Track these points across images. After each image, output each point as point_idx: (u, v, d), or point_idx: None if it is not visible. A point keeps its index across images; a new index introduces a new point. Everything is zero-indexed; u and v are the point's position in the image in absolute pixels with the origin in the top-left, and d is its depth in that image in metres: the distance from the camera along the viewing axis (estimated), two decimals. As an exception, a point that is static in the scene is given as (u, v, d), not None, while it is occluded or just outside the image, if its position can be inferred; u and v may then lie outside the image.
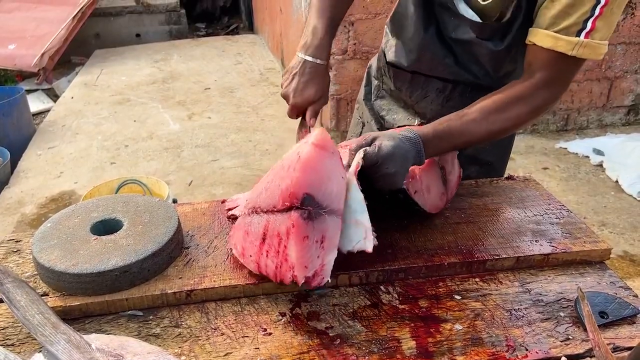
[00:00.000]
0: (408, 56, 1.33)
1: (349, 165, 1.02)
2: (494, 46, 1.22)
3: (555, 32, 1.07)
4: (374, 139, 1.04)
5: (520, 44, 1.18)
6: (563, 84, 1.14)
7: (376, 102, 1.55)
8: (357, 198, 0.98)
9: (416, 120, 1.43)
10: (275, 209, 0.94)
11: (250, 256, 0.99)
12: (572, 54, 1.07)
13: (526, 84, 1.12)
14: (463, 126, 1.10)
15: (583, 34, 1.05)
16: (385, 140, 1.02)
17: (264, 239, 0.96)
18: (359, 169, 0.99)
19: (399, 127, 1.36)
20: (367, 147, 1.02)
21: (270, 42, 6.07)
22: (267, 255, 0.95)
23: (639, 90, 4.17)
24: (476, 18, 1.20)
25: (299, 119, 1.28)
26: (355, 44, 3.57)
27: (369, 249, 0.96)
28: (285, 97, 1.25)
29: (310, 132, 1.21)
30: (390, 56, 1.38)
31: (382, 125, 1.51)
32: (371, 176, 1.02)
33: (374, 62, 1.56)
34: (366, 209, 0.98)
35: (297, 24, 4.30)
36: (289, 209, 0.91)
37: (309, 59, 1.21)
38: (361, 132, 1.58)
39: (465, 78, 1.30)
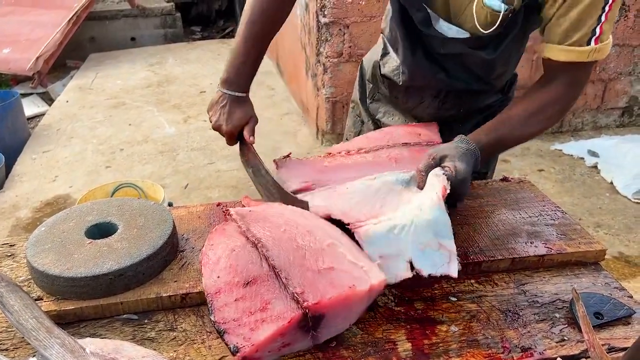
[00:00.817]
0: (401, 76, 1.38)
1: (421, 187, 1.05)
2: (486, 55, 1.25)
3: (569, 45, 1.13)
4: (442, 158, 1.09)
5: (514, 50, 1.19)
6: (583, 83, 1.22)
7: (372, 104, 1.56)
8: (444, 222, 0.98)
9: (414, 122, 1.46)
10: (282, 283, 0.87)
11: (218, 277, 0.90)
12: (587, 60, 1.13)
13: (553, 88, 1.19)
14: (510, 132, 1.19)
15: (593, 40, 1.11)
16: (458, 163, 1.07)
17: (248, 284, 0.88)
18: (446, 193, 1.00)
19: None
20: (446, 172, 1.05)
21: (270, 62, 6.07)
22: (237, 299, 0.86)
23: (633, 92, 4.19)
24: (462, 34, 1.22)
25: (238, 145, 1.34)
26: (350, 46, 3.58)
27: (454, 274, 0.95)
28: (217, 129, 1.30)
29: (251, 149, 1.29)
30: (386, 70, 1.41)
31: (379, 125, 1.52)
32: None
33: (367, 64, 1.57)
34: (452, 234, 0.98)
35: (292, 28, 4.31)
36: (294, 298, 0.85)
37: (231, 93, 1.27)
38: (360, 131, 1.59)
39: (456, 87, 1.36)
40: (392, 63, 1.41)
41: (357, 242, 0.98)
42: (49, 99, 5.27)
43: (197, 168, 3.69)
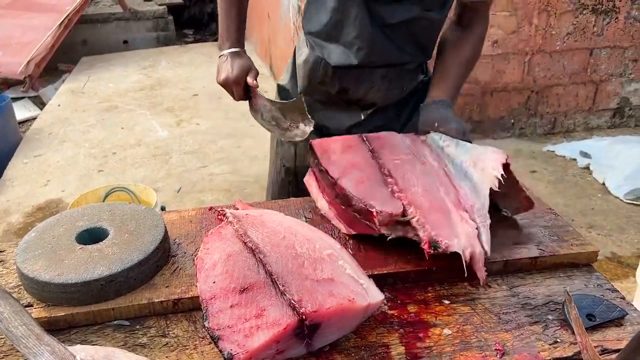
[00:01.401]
0: (357, 54, 1.39)
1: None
2: (436, 15, 1.38)
3: None
4: (457, 132, 1.27)
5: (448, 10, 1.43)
6: (489, 17, 1.50)
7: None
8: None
9: (361, 115, 1.52)
10: (279, 290, 0.87)
11: (214, 283, 0.88)
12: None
13: (477, 27, 1.44)
14: (463, 77, 1.42)
15: None
16: (456, 125, 1.28)
17: (244, 290, 0.87)
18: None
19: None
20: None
21: (258, 47, 6.06)
22: (233, 305, 0.85)
23: (624, 93, 4.22)
24: None
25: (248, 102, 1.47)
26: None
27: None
28: (225, 83, 1.41)
29: (257, 93, 1.44)
30: (335, 60, 1.43)
31: (325, 133, 1.49)
32: None
33: (288, 84, 1.59)
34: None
35: (285, 29, 4.31)
36: (291, 305, 0.85)
37: (228, 51, 1.42)
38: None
39: (402, 60, 1.45)
40: (339, 49, 1.42)
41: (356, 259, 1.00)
42: (40, 103, 5.25)
43: (190, 171, 3.68)
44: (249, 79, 1.40)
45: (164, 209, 2.50)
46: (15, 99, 5.20)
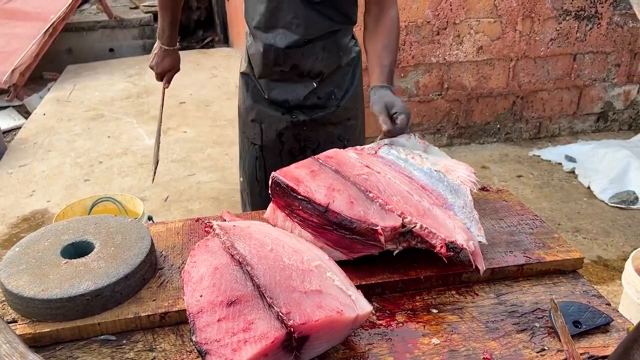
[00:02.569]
0: (297, 30, 1.62)
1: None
2: None
3: None
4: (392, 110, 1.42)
5: None
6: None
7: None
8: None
9: (314, 84, 1.71)
10: (267, 303, 0.87)
11: (201, 296, 0.88)
12: None
13: (391, 11, 1.63)
14: (393, 58, 1.59)
15: None
16: (400, 104, 1.44)
17: (231, 304, 0.87)
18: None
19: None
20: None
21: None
22: (220, 319, 0.85)
23: (607, 97, 4.28)
24: None
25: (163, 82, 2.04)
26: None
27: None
28: (152, 68, 1.98)
29: (163, 92, 2.17)
30: (283, 42, 1.63)
31: (287, 107, 1.74)
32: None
33: (248, 70, 1.79)
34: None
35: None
36: (279, 318, 0.84)
37: (163, 46, 1.91)
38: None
39: (334, 28, 1.67)
40: (280, 32, 1.64)
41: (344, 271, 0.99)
42: (25, 112, 5.19)
43: (177, 180, 3.66)
44: (165, 79, 2.03)
45: (151, 218, 2.48)
46: (-1, 108, 5.15)
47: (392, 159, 1.28)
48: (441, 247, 1.02)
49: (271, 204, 1.20)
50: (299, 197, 1.10)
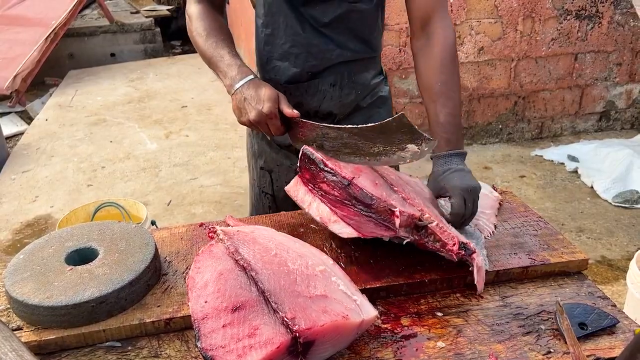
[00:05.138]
0: (296, 62, 1.37)
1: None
2: (366, 5, 1.34)
3: None
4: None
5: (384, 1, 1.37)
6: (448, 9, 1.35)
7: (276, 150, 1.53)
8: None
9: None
10: (272, 308, 0.86)
11: (206, 302, 0.88)
12: None
13: (439, 33, 1.29)
14: (455, 109, 1.26)
15: None
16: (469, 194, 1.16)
17: (236, 309, 0.86)
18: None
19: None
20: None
21: (246, 58, 6.07)
22: (225, 325, 0.84)
23: (609, 97, 4.27)
24: None
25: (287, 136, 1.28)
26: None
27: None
28: (257, 121, 1.22)
29: (305, 123, 1.20)
30: (280, 77, 1.40)
31: (295, 153, 1.43)
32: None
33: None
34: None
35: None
36: (284, 323, 0.84)
37: (242, 82, 1.24)
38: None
39: (346, 57, 1.38)
40: (283, 68, 1.39)
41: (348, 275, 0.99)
42: (27, 118, 5.21)
43: (180, 184, 3.67)
44: (288, 110, 1.20)
45: (155, 223, 2.49)
46: (1, 114, 5.16)
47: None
48: (454, 244, 1.03)
49: (296, 177, 1.19)
50: (326, 169, 1.11)
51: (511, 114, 4.16)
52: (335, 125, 1.15)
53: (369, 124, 1.10)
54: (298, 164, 1.17)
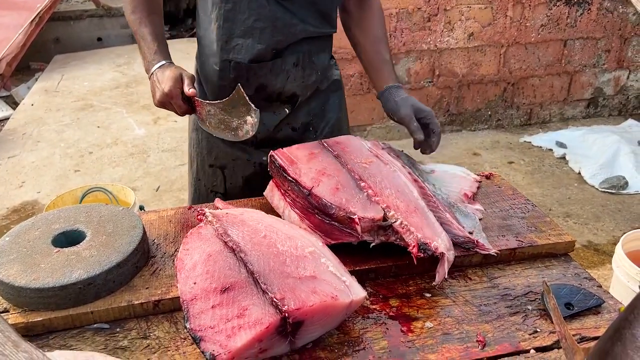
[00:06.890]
0: (261, 37, 1.32)
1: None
2: None
3: None
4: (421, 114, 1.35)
5: None
6: None
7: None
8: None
9: (286, 110, 1.44)
10: (261, 289, 0.86)
11: (195, 283, 0.88)
12: None
13: (373, 6, 1.49)
14: (387, 51, 1.47)
15: None
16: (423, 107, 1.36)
17: (225, 290, 0.86)
18: None
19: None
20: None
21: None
22: (214, 306, 0.84)
23: (597, 83, 4.29)
24: None
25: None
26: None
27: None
28: (163, 101, 1.26)
29: (198, 101, 1.26)
30: (244, 56, 1.35)
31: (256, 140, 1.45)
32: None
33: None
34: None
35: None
36: (273, 304, 0.84)
37: (156, 66, 1.30)
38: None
39: (310, 32, 1.37)
40: (240, 42, 1.35)
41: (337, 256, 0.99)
42: (13, 103, 5.13)
43: (169, 170, 3.64)
44: (186, 89, 1.23)
45: (143, 208, 2.47)
46: (-14, 99, 5.08)
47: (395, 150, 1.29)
48: (413, 246, 1.00)
49: (271, 181, 1.23)
50: (288, 178, 1.14)
51: (500, 100, 4.17)
52: (213, 102, 1.24)
53: (225, 99, 1.21)
54: (268, 168, 1.21)
